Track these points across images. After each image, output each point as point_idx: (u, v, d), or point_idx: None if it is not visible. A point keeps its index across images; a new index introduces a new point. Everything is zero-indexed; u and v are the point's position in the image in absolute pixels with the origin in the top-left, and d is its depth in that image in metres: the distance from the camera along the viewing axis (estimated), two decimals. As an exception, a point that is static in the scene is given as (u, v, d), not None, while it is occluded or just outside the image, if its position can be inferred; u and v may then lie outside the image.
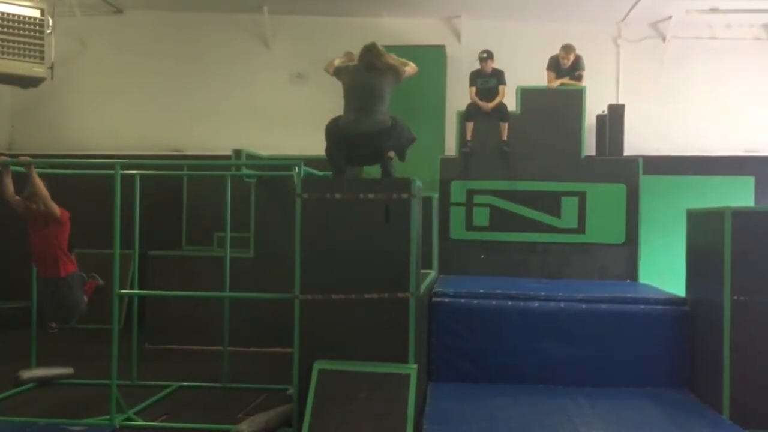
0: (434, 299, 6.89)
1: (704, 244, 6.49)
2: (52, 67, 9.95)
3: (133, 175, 7.13)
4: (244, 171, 8.18)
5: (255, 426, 5.48)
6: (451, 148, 9.87)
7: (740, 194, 9.63)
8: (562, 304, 6.77)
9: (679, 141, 10.43)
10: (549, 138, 9.03)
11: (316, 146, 10.53)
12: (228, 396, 6.74)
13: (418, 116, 10.54)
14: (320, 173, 7.10)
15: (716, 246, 6.06)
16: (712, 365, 6.05)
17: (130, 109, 11.33)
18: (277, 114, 11.11)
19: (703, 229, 6.55)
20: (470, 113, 9.14)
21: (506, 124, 9.04)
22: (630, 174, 8.93)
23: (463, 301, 6.89)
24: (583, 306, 6.75)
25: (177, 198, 10.11)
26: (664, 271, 8.80)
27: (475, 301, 6.87)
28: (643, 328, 6.61)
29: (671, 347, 6.58)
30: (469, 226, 9.11)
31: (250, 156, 8.39)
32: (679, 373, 6.57)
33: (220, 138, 10.76)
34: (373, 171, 6.43)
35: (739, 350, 5.83)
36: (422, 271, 6.41)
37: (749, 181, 9.91)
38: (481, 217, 9.08)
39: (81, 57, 11.39)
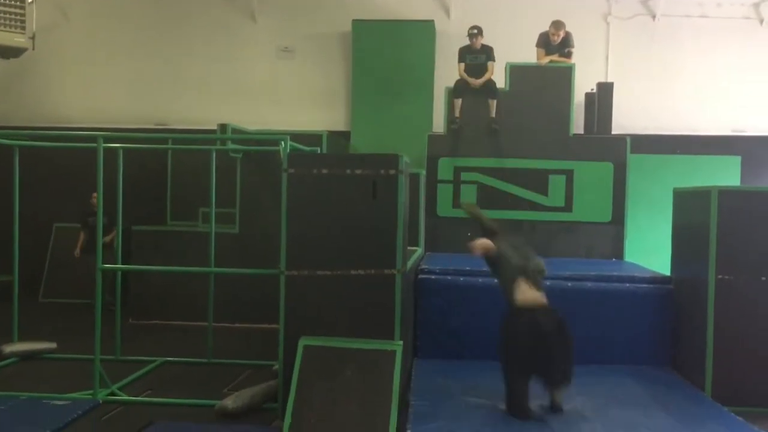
0: (420, 276, 6.88)
1: (690, 223, 6.50)
2: (33, 38, 9.78)
3: (116, 148, 7.02)
4: (230, 146, 8.09)
5: (240, 401, 5.48)
6: (439, 124, 9.81)
7: (727, 174, 9.66)
8: (548, 282, 6.74)
9: (667, 120, 10.43)
10: (537, 115, 8.97)
11: (304, 121, 10.58)
12: (213, 372, 6.71)
13: (406, 92, 10.54)
14: (307, 148, 7.03)
15: (702, 225, 6.07)
16: (696, 343, 6.09)
17: (113, 81, 11.16)
18: (264, 88, 11.00)
19: (690, 209, 6.56)
20: (459, 90, 9.06)
21: (495, 101, 8.97)
22: (618, 152, 8.90)
23: (449, 278, 6.89)
24: (569, 284, 6.76)
25: (161, 172, 10.00)
26: (649, 249, 8.83)
27: (462, 279, 6.87)
28: (628, 306, 6.64)
29: (655, 325, 6.62)
30: (457, 204, 9.07)
31: (235, 130, 8.30)
32: (663, 351, 6.61)
33: (205, 112, 10.65)
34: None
35: (723, 329, 5.88)
36: (409, 248, 6.38)
37: (736, 161, 9.93)
38: (469, 194, 9.03)
39: (63, 27, 11.18)
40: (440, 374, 6.19)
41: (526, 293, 5.10)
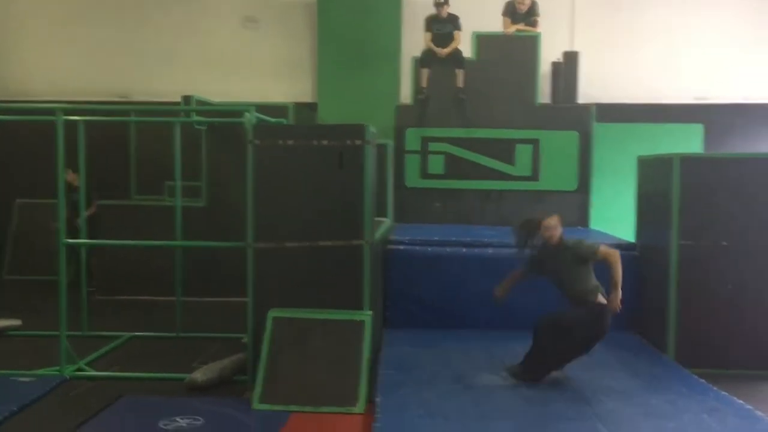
0: (389, 247, 6.90)
1: (654, 190, 6.60)
2: (-12, 8, 9.46)
3: (77, 121, 6.87)
4: (194, 118, 7.97)
5: (209, 374, 5.47)
6: (407, 95, 9.77)
7: (690, 141, 9.78)
8: (515, 251, 6.82)
9: (632, 89, 10.49)
10: (504, 85, 8.98)
11: (269, 93, 10.43)
12: (182, 346, 6.68)
13: (373, 62, 10.45)
14: (272, 120, 6.94)
15: (665, 192, 6.17)
16: (659, 308, 6.22)
17: (73, 53, 10.87)
18: (229, 59, 10.80)
19: (653, 176, 6.66)
20: (425, 59, 9.01)
21: (462, 71, 8.95)
22: (583, 121, 8.96)
23: (418, 248, 6.93)
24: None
25: (125, 146, 9.83)
26: (614, 217, 8.93)
27: (430, 249, 6.92)
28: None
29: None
30: (425, 174, 9.08)
31: (200, 102, 8.17)
32: (628, 317, 6.71)
33: (169, 84, 10.45)
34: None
35: (685, 294, 6.00)
36: (377, 219, 6.39)
37: (699, 129, 10.07)
38: (436, 164, 9.05)
39: (20, -3, 10.86)
40: (409, 344, 6.24)
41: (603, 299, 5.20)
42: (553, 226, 5.34)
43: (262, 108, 7.11)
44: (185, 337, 6.89)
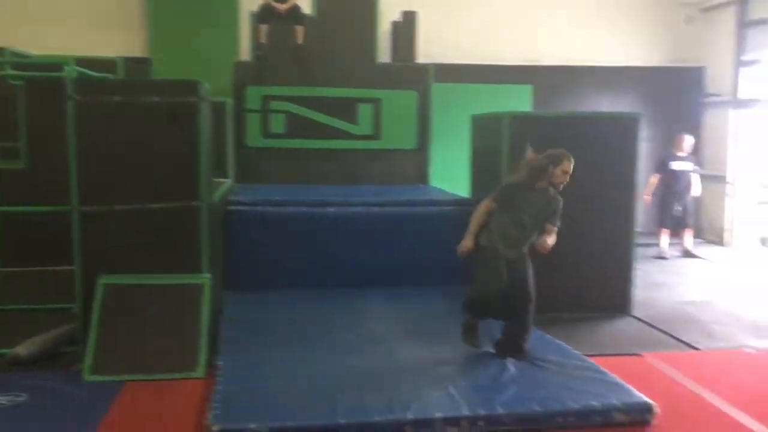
0: (230, 208, 6.73)
1: (485, 147, 6.90)
2: None
3: None
4: (8, 71, 7.25)
5: (33, 347, 5.12)
6: (246, 52, 9.48)
7: (520, 101, 10.31)
8: (357, 209, 6.92)
9: (467, 50, 10.82)
10: (345, 43, 8.93)
11: (95, 47, 9.70)
12: (3, 320, 6.17)
13: (209, 17, 10.04)
14: (98, 75, 6.48)
15: (495, 149, 6.46)
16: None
17: None
18: (50, 9, 9.94)
19: (485, 134, 6.95)
20: (263, 15, 8.76)
21: (302, 28, 8.80)
22: (422, 81, 9.12)
23: (259, 209, 6.81)
24: (378, 210, 6.95)
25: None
26: (451, 175, 9.25)
27: (272, 209, 6.83)
28: (434, 228, 6.94)
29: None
30: (266, 133, 8.89)
31: (15, 55, 7.45)
32: (461, 268, 7.02)
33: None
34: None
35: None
36: (217, 180, 6.20)
37: (528, 90, 10.62)
38: (278, 124, 8.89)
39: None
40: (252, 305, 6.17)
41: None
42: (569, 175, 4.88)
43: (89, 62, 6.61)
44: (7, 310, 6.37)
